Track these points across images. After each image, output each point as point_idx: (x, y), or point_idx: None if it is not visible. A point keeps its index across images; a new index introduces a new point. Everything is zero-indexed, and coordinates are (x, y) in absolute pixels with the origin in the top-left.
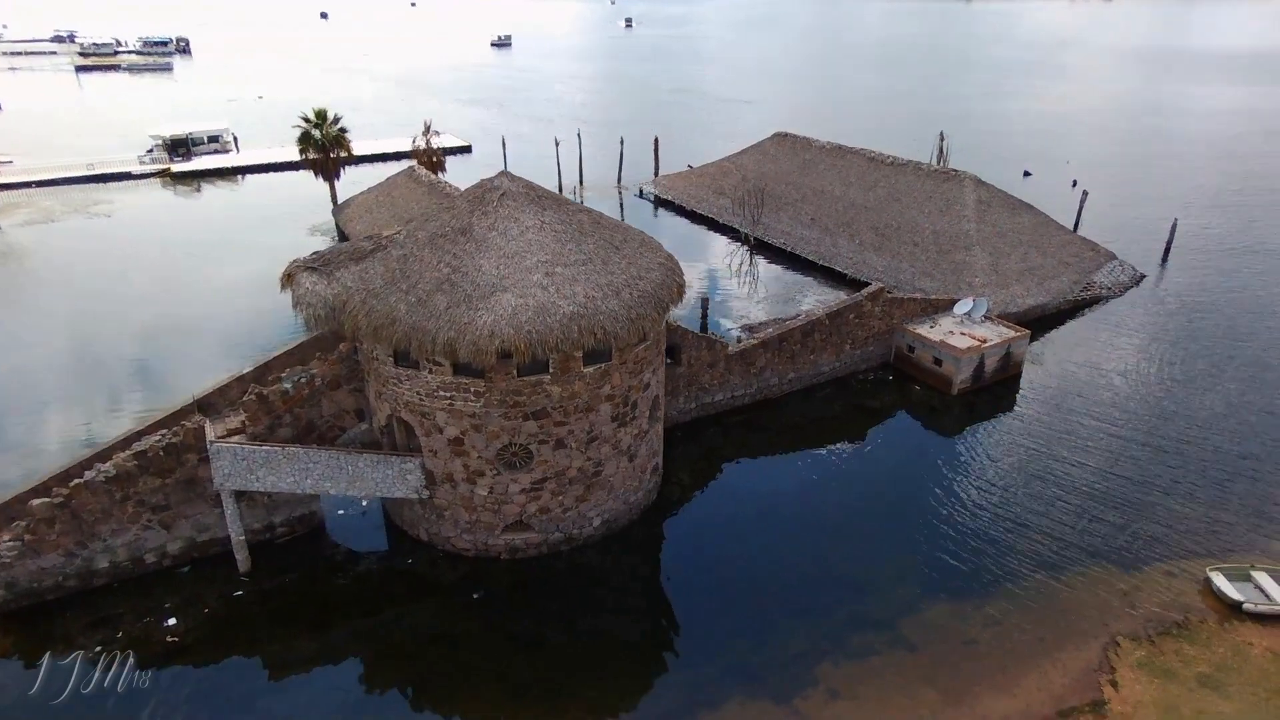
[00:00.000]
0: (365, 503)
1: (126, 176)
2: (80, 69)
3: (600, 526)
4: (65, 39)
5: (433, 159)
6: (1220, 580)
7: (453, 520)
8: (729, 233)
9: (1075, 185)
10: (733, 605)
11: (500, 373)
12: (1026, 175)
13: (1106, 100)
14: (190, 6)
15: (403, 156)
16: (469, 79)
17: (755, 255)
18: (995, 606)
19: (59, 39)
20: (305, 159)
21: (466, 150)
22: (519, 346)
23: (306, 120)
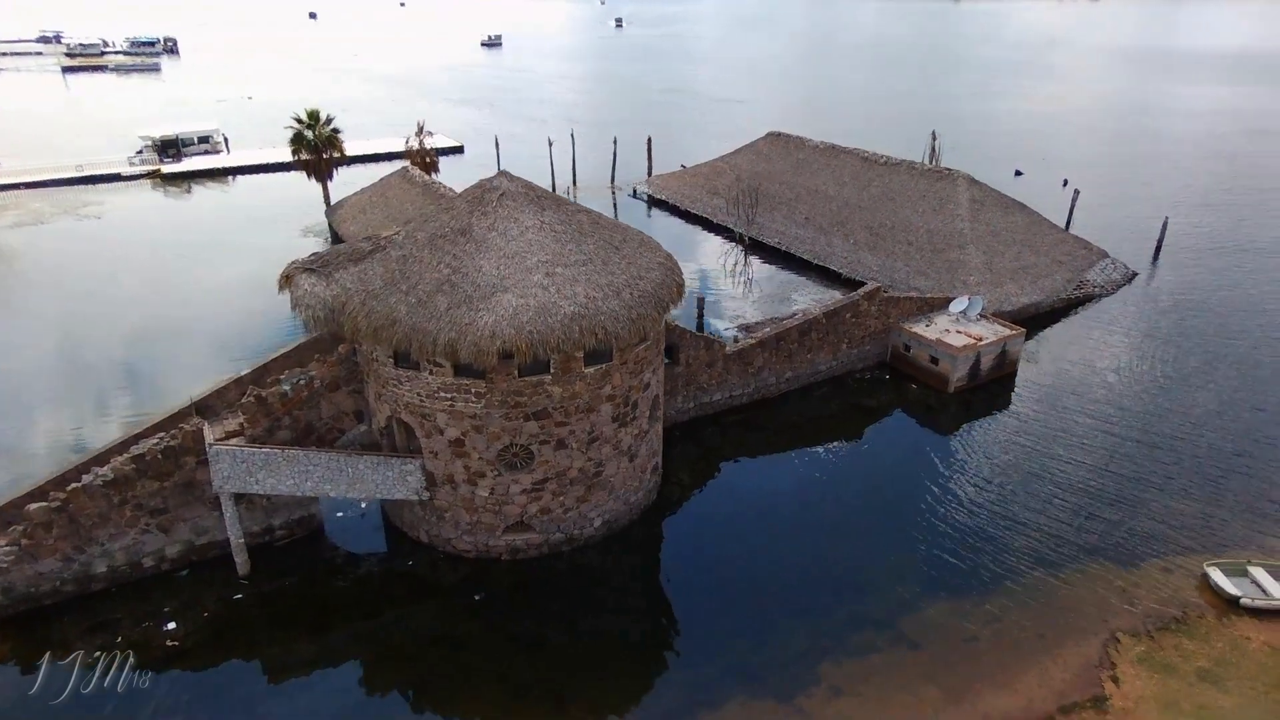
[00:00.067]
0: (364, 505)
1: (116, 178)
2: (67, 69)
3: (601, 527)
4: (51, 39)
5: (426, 159)
6: (1218, 576)
7: (453, 521)
8: (723, 232)
9: (1066, 184)
10: (733, 604)
11: (501, 373)
12: (1018, 174)
13: (1094, 100)
14: (177, 7)
15: (395, 157)
16: (460, 79)
17: (750, 255)
18: (994, 604)
19: (45, 39)
20: (298, 160)
21: (459, 151)
22: (520, 347)
23: (299, 121)
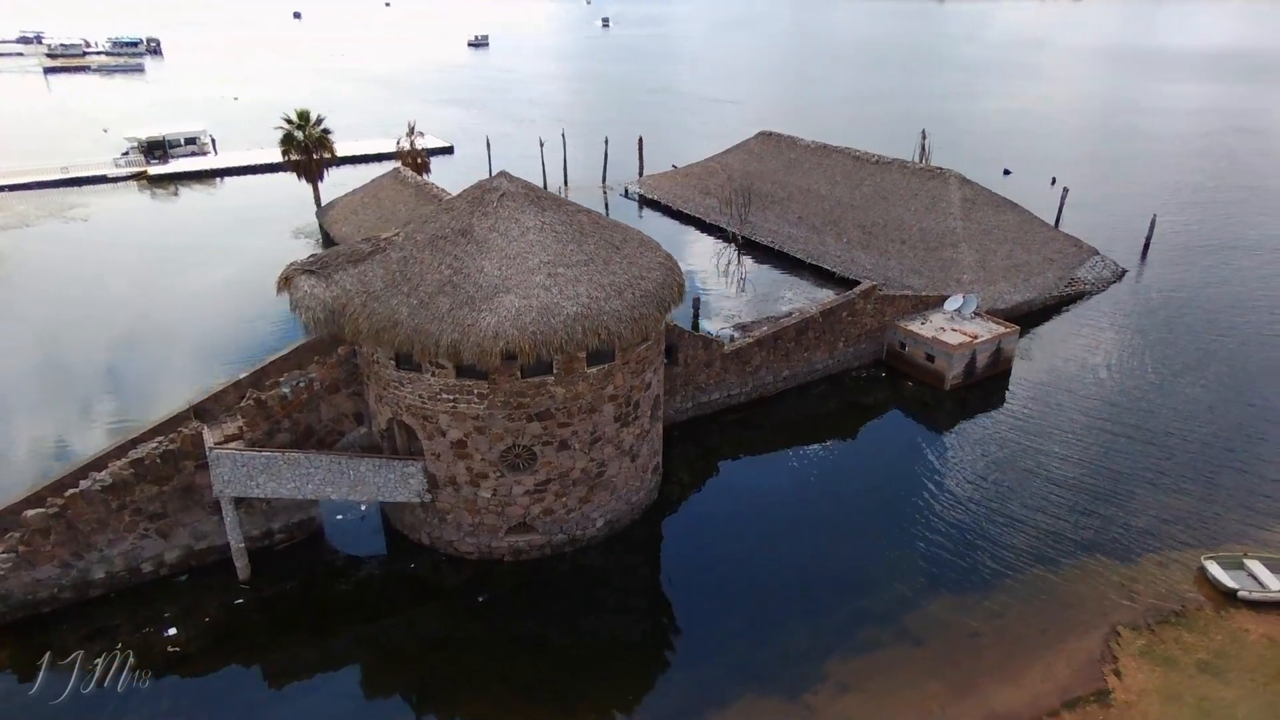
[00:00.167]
0: (364, 508)
1: (102, 180)
2: (49, 70)
3: (603, 527)
4: (32, 40)
5: (417, 160)
6: (1215, 569)
7: (455, 523)
8: (715, 232)
9: (1054, 183)
10: (735, 603)
11: (504, 374)
12: (1006, 173)
13: (1079, 99)
14: (159, 7)
15: (385, 158)
16: (447, 79)
17: (743, 254)
18: (996, 600)
19: (25, 40)
20: (288, 161)
21: (448, 151)
22: (523, 348)
23: (289, 121)
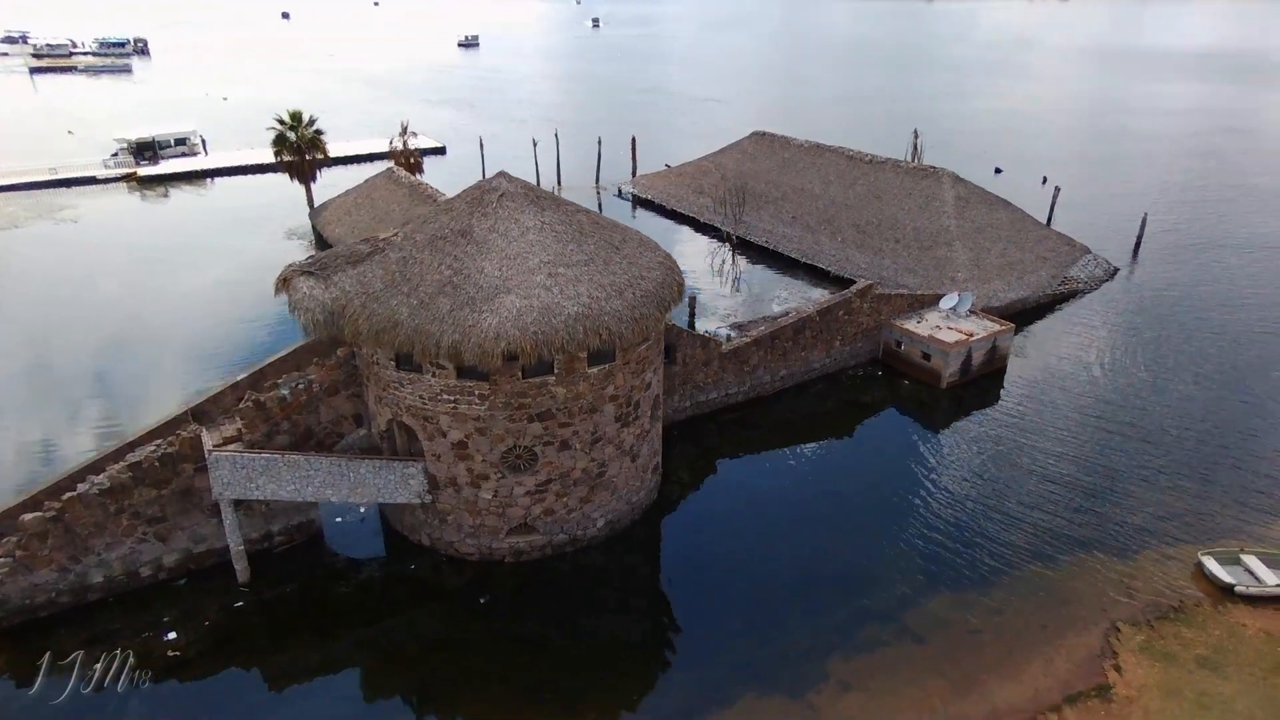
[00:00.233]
0: (363, 509)
1: (91, 181)
2: (35, 70)
3: (604, 527)
4: (17, 40)
5: (410, 160)
6: (1211, 564)
7: (456, 524)
8: (710, 232)
9: (1045, 181)
10: (736, 602)
11: (505, 375)
12: (998, 172)
13: (1068, 98)
14: (147, 7)
15: (377, 158)
16: (438, 79)
17: (738, 253)
18: (995, 597)
19: (10, 40)
20: (280, 161)
21: (440, 152)
22: (525, 348)
23: (281, 122)
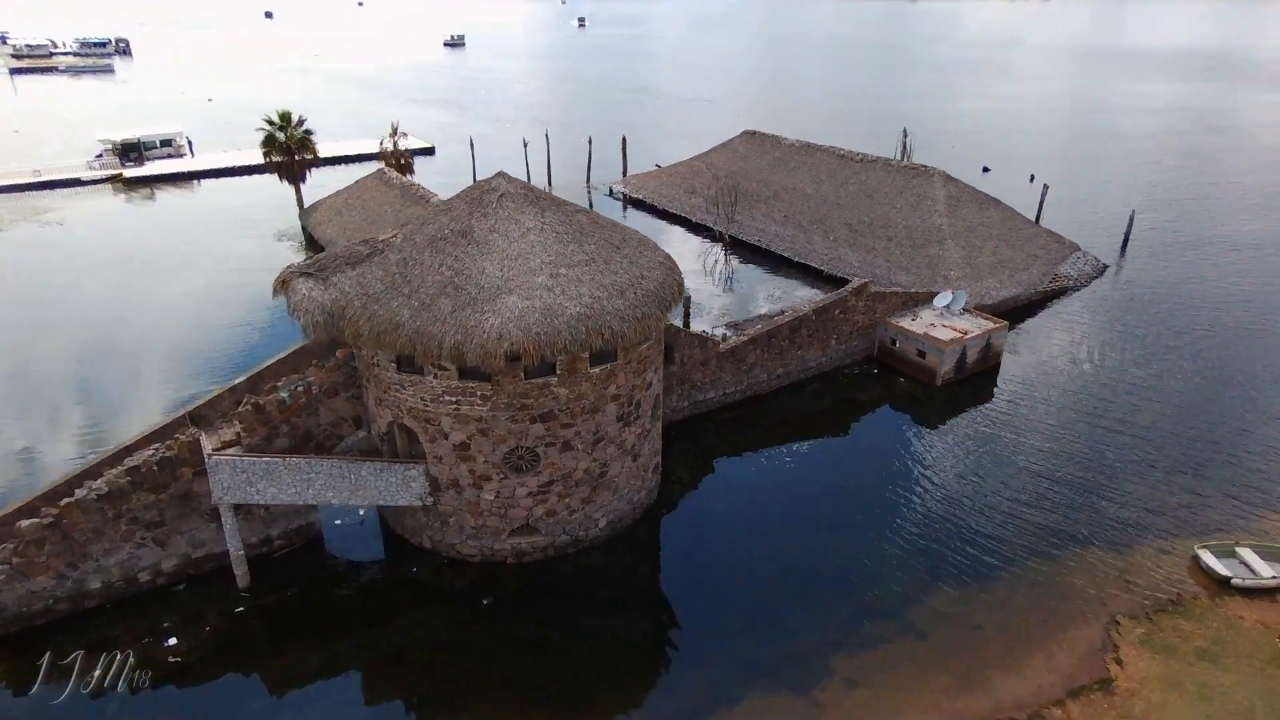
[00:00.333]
0: (363, 512)
1: (76, 183)
2: (14, 71)
3: (606, 527)
4: None
5: (401, 161)
6: (1208, 558)
7: (457, 526)
8: (702, 231)
9: (1033, 180)
10: (738, 601)
11: (508, 376)
12: (986, 171)
13: (1053, 97)
14: (128, 7)
15: (366, 159)
16: (425, 80)
17: (730, 253)
18: (996, 593)
19: None
20: (269, 162)
21: (429, 152)
22: (528, 349)
23: (270, 123)
